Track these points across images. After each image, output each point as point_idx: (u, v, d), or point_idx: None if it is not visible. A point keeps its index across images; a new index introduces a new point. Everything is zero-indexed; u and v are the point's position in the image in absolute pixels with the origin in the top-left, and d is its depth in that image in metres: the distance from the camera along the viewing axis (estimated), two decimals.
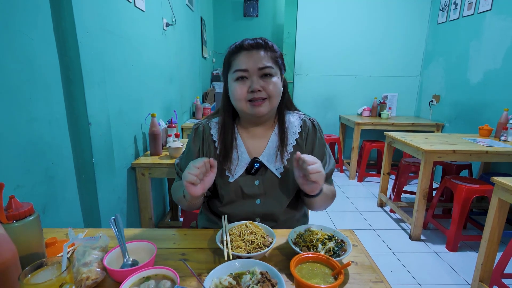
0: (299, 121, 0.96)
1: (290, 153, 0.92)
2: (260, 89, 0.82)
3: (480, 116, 2.83)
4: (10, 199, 0.59)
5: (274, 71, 0.84)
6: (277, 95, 0.85)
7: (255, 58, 0.82)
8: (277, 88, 0.85)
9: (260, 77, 0.83)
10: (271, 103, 0.85)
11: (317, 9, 3.62)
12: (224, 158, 0.90)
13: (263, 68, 0.82)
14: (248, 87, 0.82)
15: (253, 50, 0.83)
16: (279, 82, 0.86)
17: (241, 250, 0.70)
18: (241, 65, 0.82)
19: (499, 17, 2.62)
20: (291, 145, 0.93)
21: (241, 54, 0.83)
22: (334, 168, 0.99)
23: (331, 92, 3.86)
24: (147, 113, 1.85)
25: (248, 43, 0.84)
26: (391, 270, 1.84)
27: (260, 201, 0.92)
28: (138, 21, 1.70)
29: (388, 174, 2.70)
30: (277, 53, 0.87)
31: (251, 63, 0.82)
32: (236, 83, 0.84)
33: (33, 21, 0.96)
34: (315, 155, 0.94)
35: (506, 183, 1.37)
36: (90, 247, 0.66)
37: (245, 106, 0.84)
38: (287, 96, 0.95)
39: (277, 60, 0.86)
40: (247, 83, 0.83)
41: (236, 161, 0.90)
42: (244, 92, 0.83)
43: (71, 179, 1.18)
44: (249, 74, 0.82)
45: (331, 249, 0.72)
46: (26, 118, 0.94)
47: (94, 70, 1.21)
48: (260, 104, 0.83)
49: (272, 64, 0.84)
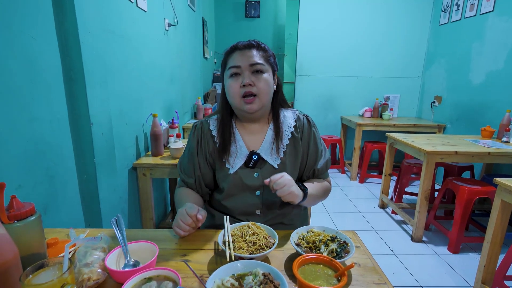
0: (293, 115, 1.01)
1: (286, 145, 0.96)
2: (251, 83, 0.87)
3: (482, 117, 2.81)
4: (12, 199, 0.58)
5: (265, 68, 0.90)
6: (267, 92, 0.90)
7: (247, 56, 0.88)
8: (268, 84, 0.89)
9: (251, 73, 0.88)
10: (261, 99, 0.89)
11: (319, 10, 3.62)
12: (223, 150, 0.94)
13: (254, 64, 0.88)
14: (241, 83, 0.88)
15: (246, 49, 0.89)
16: (270, 79, 0.91)
17: (243, 251, 0.70)
18: (234, 62, 0.89)
19: (501, 18, 2.62)
20: (287, 137, 0.97)
21: (235, 53, 0.90)
22: (330, 160, 1.05)
23: (332, 92, 3.85)
24: (149, 113, 1.85)
25: (241, 44, 0.91)
26: (392, 272, 1.84)
27: (260, 192, 0.95)
28: (140, 21, 1.70)
29: (390, 175, 2.69)
30: (269, 53, 0.93)
31: (243, 60, 0.88)
32: (230, 80, 0.90)
33: (35, 21, 0.96)
34: (311, 150, 1.00)
35: (509, 184, 1.36)
36: (92, 247, 0.66)
37: (239, 102, 0.89)
38: (280, 94, 1.00)
39: (269, 59, 0.92)
40: (239, 79, 0.88)
41: (235, 154, 0.95)
42: (238, 88, 0.88)
43: (73, 179, 1.18)
44: (241, 70, 0.88)
45: (334, 250, 0.71)
46: (28, 118, 0.94)
47: (95, 70, 1.21)
48: (251, 101, 0.88)
49: (263, 62, 0.90)
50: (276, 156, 0.95)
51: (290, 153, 0.97)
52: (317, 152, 1.01)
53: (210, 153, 0.97)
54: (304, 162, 1.00)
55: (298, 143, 0.98)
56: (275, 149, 0.94)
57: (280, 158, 0.95)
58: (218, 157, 0.95)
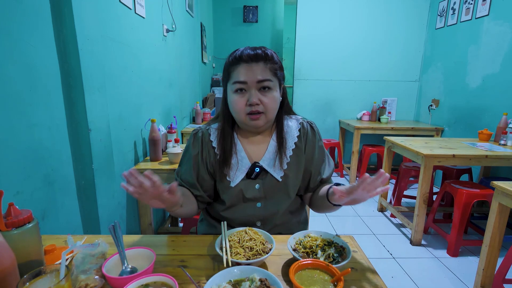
0: (297, 124, 0.97)
1: (290, 156, 0.93)
2: (258, 102, 0.83)
3: (479, 120, 2.83)
4: (9, 206, 0.59)
5: (272, 84, 0.85)
6: (274, 109, 0.87)
7: (254, 71, 0.82)
8: (275, 102, 0.86)
9: (258, 90, 0.84)
10: (267, 116, 0.87)
11: (316, 14, 3.65)
12: (224, 163, 0.90)
13: (262, 81, 0.83)
14: (247, 100, 0.83)
15: (252, 63, 0.83)
16: (277, 95, 0.87)
17: (240, 257, 0.70)
18: (240, 77, 0.83)
19: (496, 22, 2.65)
20: (291, 148, 0.94)
21: (240, 65, 0.84)
22: (334, 168, 1.02)
23: (330, 96, 3.87)
24: (147, 118, 1.85)
25: (247, 54, 0.83)
26: (392, 276, 1.83)
27: (261, 204, 0.93)
28: (138, 27, 1.71)
29: (388, 179, 2.69)
30: (277, 64, 0.87)
31: (250, 75, 0.82)
32: (235, 95, 0.85)
33: (34, 28, 0.97)
34: (316, 159, 0.96)
35: (506, 187, 1.37)
36: (89, 254, 0.66)
37: (244, 119, 0.86)
38: (286, 104, 0.97)
39: (276, 72, 0.86)
40: (245, 95, 0.84)
41: (235, 166, 0.91)
42: (243, 105, 0.84)
43: (71, 185, 1.18)
44: (247, 86, 0.83)
45: (331, 255, 0.72)
46: (26, 124, 0.94)
47: (94, 76, 1.22)
48: (257, 117, 0.85)
49: (271, 77, 0.84)
50: (279, 169, 0.91)
51: (293, 165, 0.93)
52: (323, 161, 0.97)
53: (211, 163, 0.93)
54: (308, 172, 0.96)
55: (301, 153, 0.94)
56: (278, 161, 0.91)
57: (284, 171, 0.92)
58: (219, 169, 0.91)
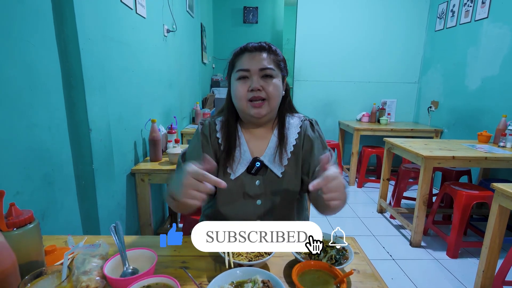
0: (299, 122, 0.97)
1: (290, 152, 0.93)
2: (260, 88, 0.84)
3: (478, 122, 2.84)
4: (11, 206, 0.58)
5: (275, 73, 0.86)
6: (276, 97, 0.87)
7: (257, 59, 0.85)
8: (277, 89, 0.86)
9: (261, 78, 0.85)
10: (270, 104, 0.86)
11: (316, 15, 3.66)
12: (227, 155, 0.91)
13: (264, 69, 0.84)
14: (249, 86, 0.84)
15: (256, 52, 0.86)
16: (279, 84, 0.87)
17: (242, 258, 0.70)
18: (243, 65, 0.85)
19: (495, 25, 2.66)
20: (291, 144, 0.93)
21: (244, 55, 0.86)
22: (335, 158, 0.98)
23: (330, 98, 3.88)
24: (147, 118, 1.85)
25: (252, 45, 0.87)
26: (391, 277, 1.83)
27: (261, 201, 0.92)
28: (139, 27, 1.71)
29: (388, 180, 2.70)
30: (280, 57, 0.89)
31: (253, 63, 0.84)
32: (238, 82, 0.86)
33: (35, 28, 0.97)
34: (316, 149, 0.93)
35: (506, 189, 1.37)
36: (90, 255, 0.66)
37: (245, 106, 0.86)
38: (288, 100, 0.97)
39: (279, 63, 0.88)
40: (248, 82, 0.85)
41: (238, 159, 0.91)
42: (245, 91, 0.85)
43: (71, 185, 1.18)
44: (250, 74, 0.84)
45: (333, 257, 0.71)
46: (26, 124, 0.94)
47: (95, 76, 1.21)
48: (259, 105, 0.85)
49: (274, 67, 0.86)
50: (279, 165, 0.91)
51: (293, 162, 0.93)
52: (323, 152, 0.93)
53: (215, 153, 0.93)
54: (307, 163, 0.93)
55: (300, 150, 0.94)
56: (279, 157, 0.91)
57: (284, 167, 0.91)
58: (222, 160, 0.91)
